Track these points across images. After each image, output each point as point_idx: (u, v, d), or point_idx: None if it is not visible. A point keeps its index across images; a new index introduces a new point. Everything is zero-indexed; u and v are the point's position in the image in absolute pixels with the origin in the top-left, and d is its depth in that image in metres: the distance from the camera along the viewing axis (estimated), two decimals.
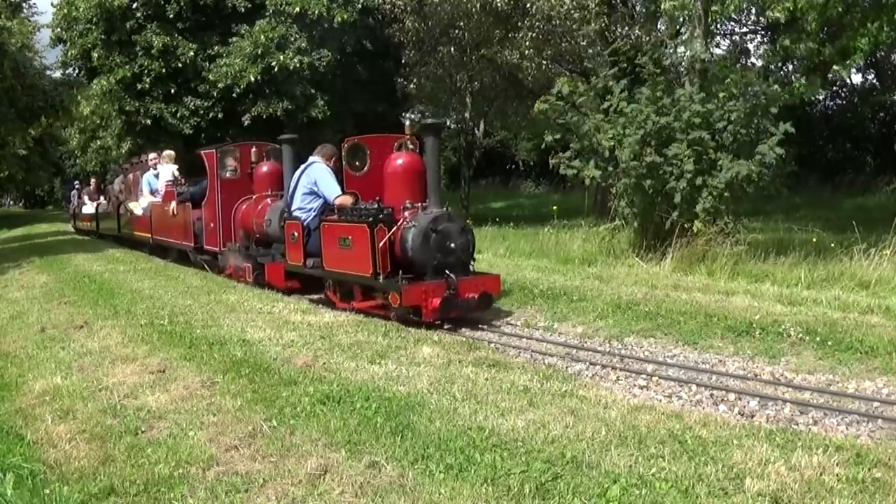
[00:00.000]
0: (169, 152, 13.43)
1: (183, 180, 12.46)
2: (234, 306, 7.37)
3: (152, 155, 13.76)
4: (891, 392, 4.43)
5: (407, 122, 7.38)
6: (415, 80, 20.87)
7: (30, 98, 21.99)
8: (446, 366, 4.86)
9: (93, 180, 23.19)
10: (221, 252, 9.83)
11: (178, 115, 19.30)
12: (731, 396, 4.37)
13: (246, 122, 18.77)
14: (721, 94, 9.39)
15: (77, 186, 24.98)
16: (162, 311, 7.20)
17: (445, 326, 6.54)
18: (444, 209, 7.02)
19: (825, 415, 4.10)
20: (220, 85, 18.58)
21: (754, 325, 5.68)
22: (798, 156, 12.71)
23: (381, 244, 6.57)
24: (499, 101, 23.29)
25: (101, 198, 20.59)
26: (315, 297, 8.13)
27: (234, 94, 18.64)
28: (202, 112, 19.21)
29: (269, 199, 9.10)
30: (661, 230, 9.22)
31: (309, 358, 5.12)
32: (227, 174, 9.91)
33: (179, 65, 18.96)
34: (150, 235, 12.96)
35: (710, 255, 8.63)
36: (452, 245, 6.61)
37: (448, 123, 25.13)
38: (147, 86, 19.09)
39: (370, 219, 6.71)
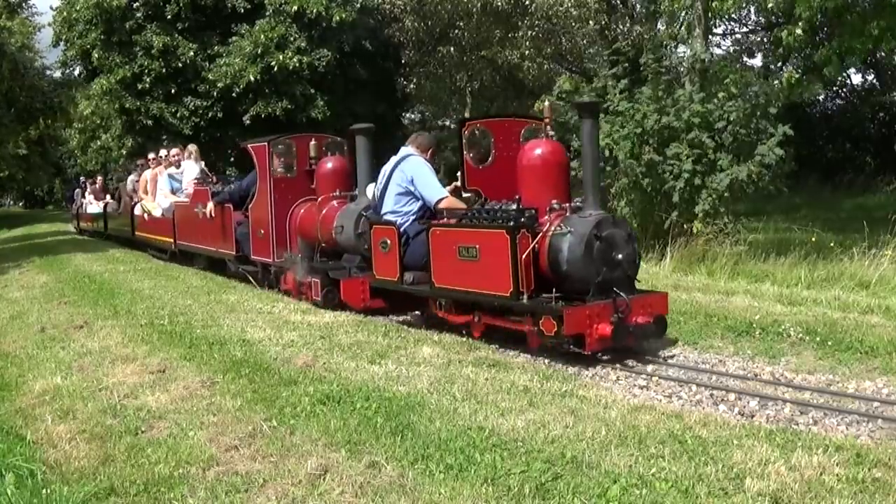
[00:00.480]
0: (193, 147, 12.10)
1: (214, 178, 11.36)
2: (234, 306, 7.37)
3: (174, 151, 12.52)
4: (891, 392, 4.43)
5: (546, 103, 6.14)
6: (415, 81, 20.89)
7: (28, 99, 21.99)
8: (446, 366, 4.86)
9: (98, 178, 22.79)
10: (275, 263, 8.23)
11: (179, 114, 19.31)
12: (731, 396, 4.37)
13: (246, 122, 18.79)
14: (721, 94, 9.39)
15: (81, 185, 23.52)
16: (162, 311, 7.20)
17: (604, 357, 5.23)
18: (608, 212, 5.70)
19: (825, 415, 4.10)
20: (220, 85, 18.61)
21: (754, 325, 5.68)
22: (798, 156, 12.72)
23: (524, 255, 5.16)
24: (499, 101, 23.30)
25: (108, 196, 19.68)
26: (400, 317, 6.93)
27: (233, 94, 18.66)
28: (201, 112, 19.23)
29: (335, 202, 7.63)
30: (661, 230, 9.23)
31: (309, 358, 5.12)
32: (282, 172, 8.34)
33: (179, 65, 18.99)
34: (172, 240, 11.41)
35: (709, 254, 8.63)
36: (619, 256, 5.20)
37: (448, 123, 25.15)
38: (147, 85, 19.11)
39: (511, 223, 5.25)
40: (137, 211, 13.77)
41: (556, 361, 5.21)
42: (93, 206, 19.62)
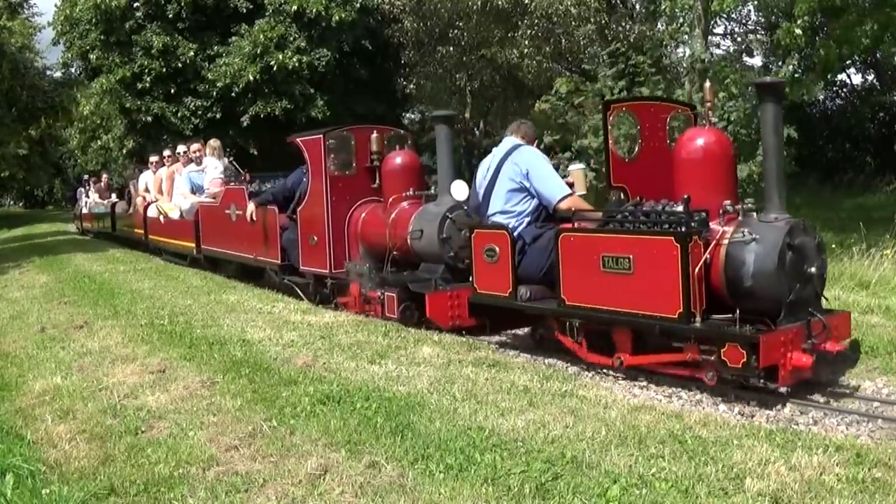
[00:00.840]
0: (215, 142, 10.91)
1: (247, 176, 10.32)
2: (234, 306, 7.37)
3: (194, 146, 11.33)
4: (891, 392, 4.43)
5: (707, 84, 5.19)
6: (414, 81, 20.89)
7: (30, 98, 21.99)
8: (446, 366, 4.86)
9: (104, 176, 22.54)
10: (332, 274, 7.16)
11: (179, 114, 19.32)
12: (731, 396, 4.37)
13: (245, 122, 18.81)
14: (721, 94, 9.40)
15: (84, 184, 22.42)
16: (162, 311, 7.20)
17: (784, 390, 4.37)
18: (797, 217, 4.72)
19: (825, 415, 4.10)
20: (219, 84, 18.61)
21: None
22: (798, 156, 12.73)
23: (696, 269, 4.22)
24: (499, 101, 23.31)
25: (113, 195, 18.99)
26: (494, 337, 6.03)
27: (232, 94, 18.67)
28: (201, 112, 19.24)
29: (406, 203, 6.71)
30: None
31: (309, 358, 5.12)
32: (339, 169, 7.25)
33: (179, 65, 19.00)
34: (194, 245, 10.31)
35: None
36: (812, 269, 4.35)
37: None
38: (147, 85, 19.12)
39: (681, 228, 4.32)
40: (152, 212, 12.57)
41: (557, 361, 5.21)
42: (97, 205, 18.75)
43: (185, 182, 11.11)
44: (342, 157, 7.30)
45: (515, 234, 5.29)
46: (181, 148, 12.02)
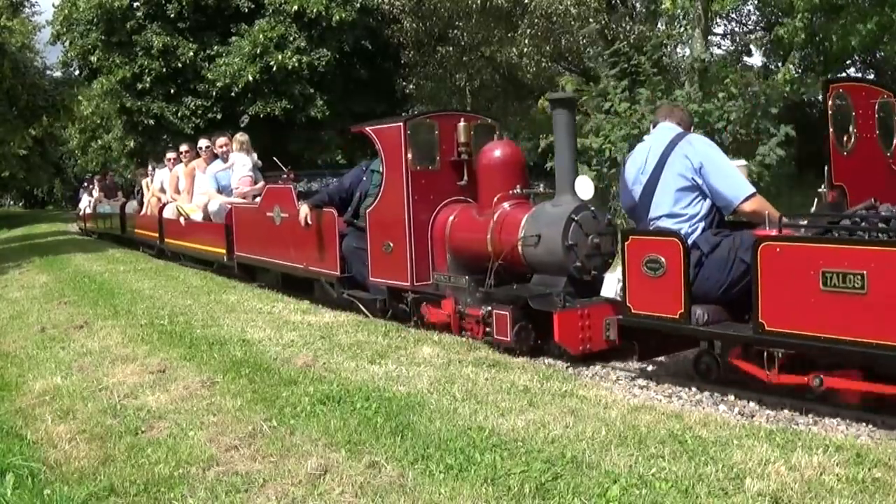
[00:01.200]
0: (243, 136, 9.97)
1: (290, 173, 9.19)
2: (234, 306, 7.37)
3: (220, 140, 10.22)
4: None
5: None
6: (414, 81, 20.91)
7: (31, 97, 21.99)
8: (446, 366, 4.86)
9: (109, 174, 22.22)
10: (414, 287, 6.07)
11: (179, 114, 19.35)
12: (731, 396, 4.37)
13: (245, 122, 18.83)
14: (721, 94, 9.40)
15: (88, 183, 21.51)
16: (162, 311, 7.21)
17: None
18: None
19: (825, 415, 4.09)
20: (219, 84, 18.64)
21: None
22: (798, 156, 12.74)
23: None
24: (499, 101, 23.32)
25: (119, 194, 18.40)
26: (637, 364, 4.96)
27: (232, 94, 18.69)
28: (201, 112, 19.27)
29: (507, 203, 5.67)
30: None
31: (309, 358, 5.12)
32: (422, 163, 6.12)
33: (179, 65, 19.02)
34: (224, 251, 9.30)
35: None
36: None
37: None
38: (147, 86, 19.14)
39: None
40: (169, 213, 11.47)
41: (556, 361, 5.21)
42: (103, 205, 17.88)
43: (210, 180, 10.05)
44: (425, 149, 6.16)
45: (689, 242, 4.32)
46: (203, 142, 10.89)
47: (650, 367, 4.93)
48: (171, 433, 3.81)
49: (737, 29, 24.42)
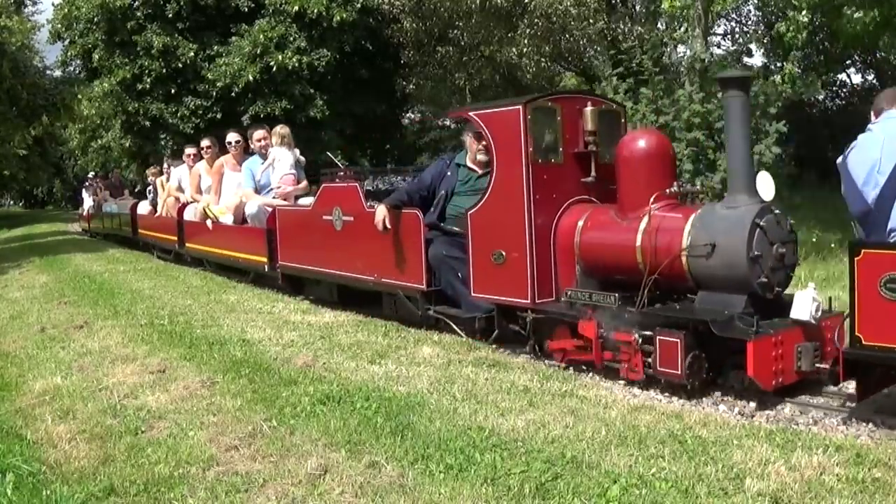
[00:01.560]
0: (284, 129, 8.76)
1: (346, 170, 7.52)
2: (233, 306, 7.37)
3: (258, 133, 9.16)
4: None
5: None
6: (414, 81, 20.90)
7: (31, 97, 21.99)
8: (446, 366, 4.86)
9: (115, 171, 21.95)
10: (537, 306, 5.04)
11: (179, 114, 19.35)
12: (731, 396, 4.37)
13: (245, 122, 18.84)
14: (720, 94, 9.39)
15: (92, 182, 20.44)
16: (162, 311, 7.21)
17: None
18: None
19: (825, 415, 4.10)
20: (219, 84, 18.64)
21: None
22: (798, 156, 12.75)
23: None
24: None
25: (125, 192, 18.06)
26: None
27: (232, 94, 18.69)
28: (201, 112, 19.27)
29: (657, 206, 4.60)
30: None
31: (309, 358, 5.12)
32: (543, 155, 5.08)
33: (179, 65, 19.01)
34: (265, 259, 8.16)
35: None
36: None
37: (447, 123, 25.22)
38: (147, 86, 19.14)
39: None
40: (190, 215, 10.43)
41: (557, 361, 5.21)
42: (109, 203, 17.06)
43: (246, 178, 8.97)
44: (546, 138, 5.17)
45: None
46: (232, 136, 9.95)
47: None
48: (171, 433, 3.81)
49: (737, 29, 24.45)
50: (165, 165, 13.14)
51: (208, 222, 9.75)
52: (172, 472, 3.30)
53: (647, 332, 4.34)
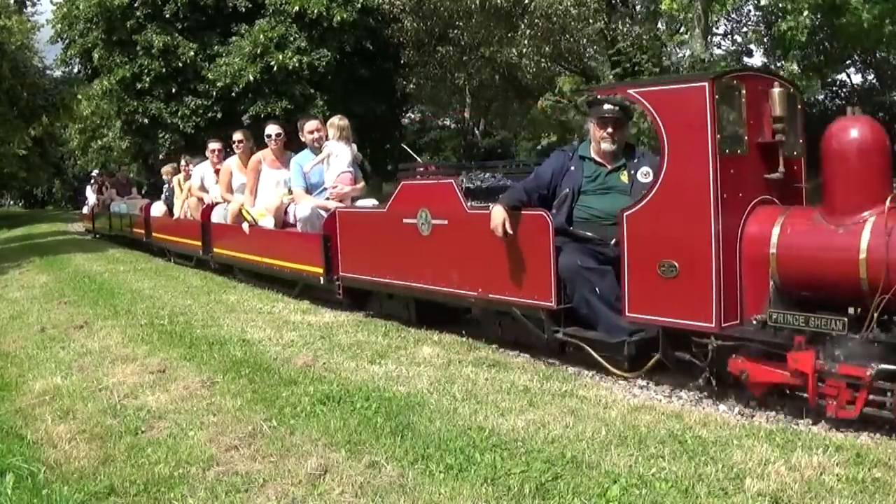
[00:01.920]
0: (342, 121, 7.56)
1: (428, 166, 7.00)
2: (233, 306, 7.37)
3: (311, 124, 7.87)
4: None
5: None
6: (414, 81, 20.91)
7: (31, 97, 22.00)
8: (446, 366, 4.86)
9: (121, 168, 21.58)
10: (724, 332, 4.02)
11: (179, 114, 19.36)
12: (731, 396, 4.36)
13: (246, 122, 18.85)
14: None
15: (96, 181, 19.16)
16: (162, 311, 7.21)
17: None
18: None
19: (825, 414, 4.09)
20: (219, 84, 18.65)
21: None
22: None
23: None
24: (498, 101, 23.32)
25: (134, 191, 17.49)
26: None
27: (232, 94, 18.70)
28: (201, 112, 19.28)
29: (872, 212, 3.68)
30: None
31: (309, 358, 5.12)
32: (728, 146, 4.05)
33: (179, 64, 19.03)
34: (319, 270, 7.01)
35: None
36: None
37: (447, 123, 25.23)
38: (147, 85, 19.15)
39: None
40: (220, 217, 9.32)
41: (556, 361, 5.21)
42: (117, 202, 16.20)
43: (296, 176, 7.67)
44: (732, 124, 4.17)
45: None
46: (272, 129, 8.68)
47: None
48: (171, 433, 3.81)
49: (737, 29, 24.44)
50: (183, 163, 11.77)
51: (244, 226, 8.50)
52: (172, 472, 3.30)
53: (891, 367, 3.50)
